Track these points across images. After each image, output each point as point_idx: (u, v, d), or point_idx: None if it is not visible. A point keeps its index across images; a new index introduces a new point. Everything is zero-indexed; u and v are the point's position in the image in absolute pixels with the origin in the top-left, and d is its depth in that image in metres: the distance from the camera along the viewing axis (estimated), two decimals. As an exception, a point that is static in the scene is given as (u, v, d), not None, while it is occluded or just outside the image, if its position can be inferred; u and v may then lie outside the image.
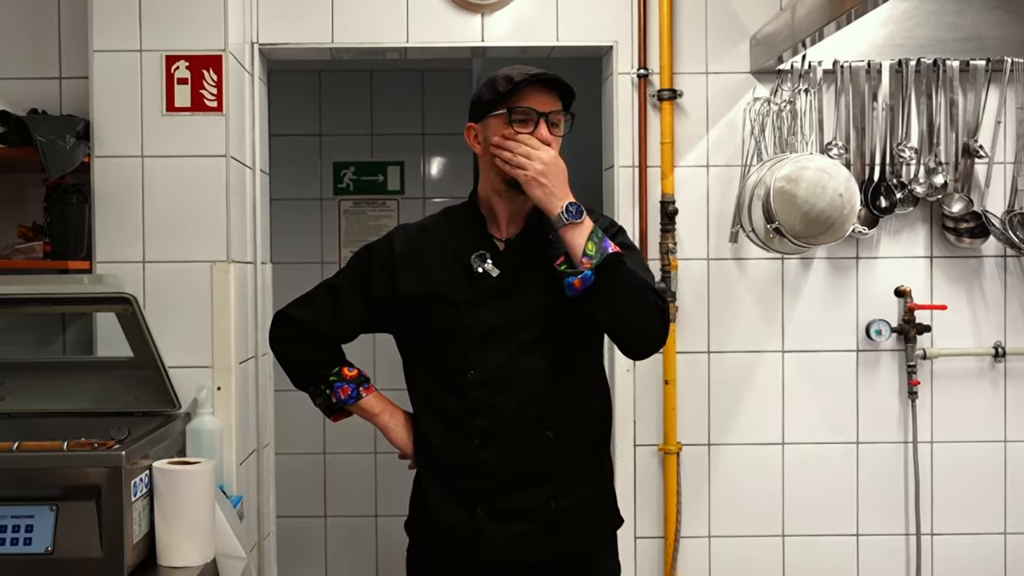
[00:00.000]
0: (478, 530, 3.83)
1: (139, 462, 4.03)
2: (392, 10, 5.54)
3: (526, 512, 3.83)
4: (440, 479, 3.93)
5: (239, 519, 4.70)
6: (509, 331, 3.82)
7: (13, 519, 3.85)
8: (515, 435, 3.82)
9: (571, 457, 3.88)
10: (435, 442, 3.93)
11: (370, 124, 7.78)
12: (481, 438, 3.82)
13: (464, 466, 3.86)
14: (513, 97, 3.76)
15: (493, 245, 3.91)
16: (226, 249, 4.99)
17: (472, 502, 3.85)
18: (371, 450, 7.58)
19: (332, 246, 7.74)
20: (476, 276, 3.85)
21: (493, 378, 3.81)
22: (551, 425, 3.83)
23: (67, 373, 4.86)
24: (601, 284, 3.60)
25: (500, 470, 3.82)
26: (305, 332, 4.08)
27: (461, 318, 3.83)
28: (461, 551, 3.89)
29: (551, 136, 3.76)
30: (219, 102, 4.98)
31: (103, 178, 4.97)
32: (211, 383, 4.94)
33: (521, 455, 3.82)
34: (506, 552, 3.84)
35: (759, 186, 5.26)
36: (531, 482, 3.83)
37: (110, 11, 4.97)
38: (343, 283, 4.09)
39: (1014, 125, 5.68)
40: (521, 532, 3.83)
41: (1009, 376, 5.75)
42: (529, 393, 3.81)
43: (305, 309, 4.12)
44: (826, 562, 5.73)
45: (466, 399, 3.84)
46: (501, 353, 3.82)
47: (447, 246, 3.95)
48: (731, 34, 5.66)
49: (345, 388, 4.03)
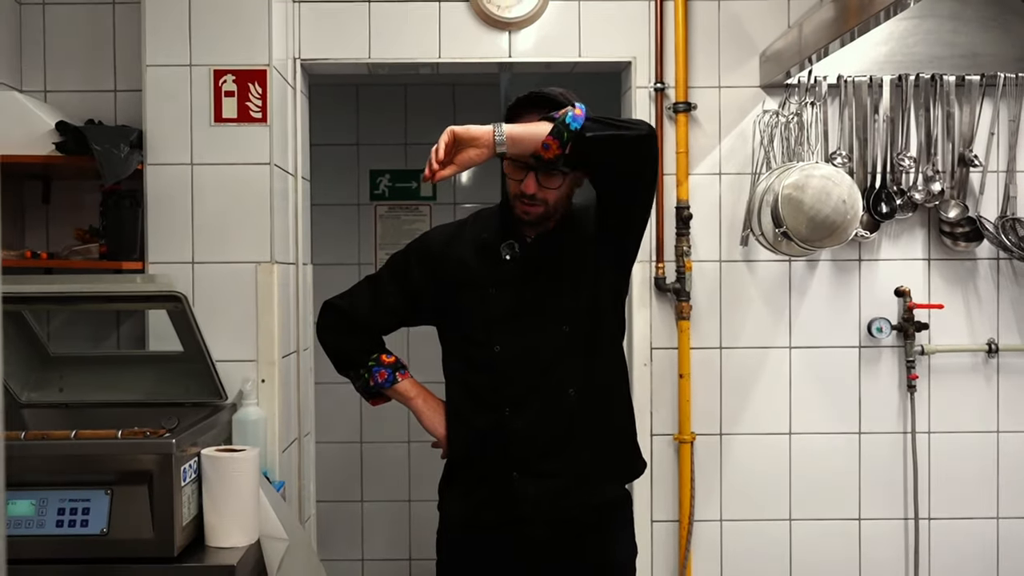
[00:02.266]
0: (516, 491, 3.83)
1: (188, 449, 3.99)
2: (425, 28, 5.52)
3: (558, 469, 3.84)
4: (477, 452, 3.94)
5: (282, 503, 4.65)
6: (532, 310, 3.86)
7: (71, 502, 3.81)
8: (541, 398, 3.85)
9: (593, 412, 3.88)
10: (471, 418, 3.94)
11: (404, 134, 7.73)
12: (511, 407, 3.83)
13: (498, 434, 3.86)
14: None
15: (522, 237, 3.89)
16: (270, 251, 4.94)
17: (508, 467, 3.85)
18: (405, 439, 7.55)
19: (369, 248, 7.69)
20: (504, 262, 3.86)
21: (517, 350, 3.83)
22: (574, 385, 3.83)
23: (121, 366, 4.82)
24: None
25: (531, 432, 3.83)
26: (347, 320, 4.11)
27: (487, 300, 3.86)
28: (502, 515, 3.88)
29: (541, 187, 3.71)
30: (264, 114, 4.93)
31: (155, 184, 4.93)
32: (256, 376, 4.90)
33: (548, 417, 3.84)
34: (540, 509, 3.84)
35: (768, 193, 5.22)
36: (560, 440, 3.86)
37: (162, 29, 4.93)
38: (383, 276, 4.14)
39: (1006, 136, 5.64)
40: (556, 488, 3.84)
41: (1002, 371, 5.70)
42: (550, 360, 3.84)
43: (348, 300, 4.16)
44: (830, 544, 5.69)
45: (495, 373, 3.87)
46: (525, 329, 3.85)
47: (480, 237, 3.97)
48: (742, 50, 5.61)
49: (382, 372, 4.05)
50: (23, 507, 3.79)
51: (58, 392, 4.75)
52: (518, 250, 3.85)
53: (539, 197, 3.72)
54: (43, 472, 3.84)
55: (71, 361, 4.81)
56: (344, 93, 7.65)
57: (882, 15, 4.32)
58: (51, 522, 3.78)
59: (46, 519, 3.79)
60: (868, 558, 5.70)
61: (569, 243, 3.88)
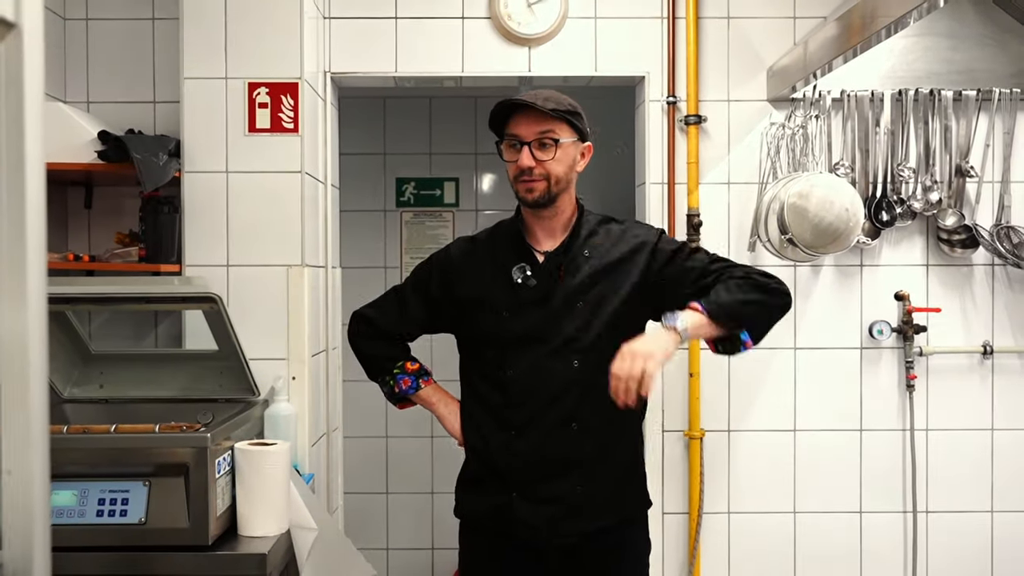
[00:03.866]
0: (514, 513, 3.77)
1: (222, 443, 3.97)
2: (449, 44, 5.51)
3: (555, 497, 3.76)
4: (487, 464, 3.87)
5: (311, 494, 4.63)
6: (543, 336, 3.76)
7: (111, 493, 3.80)
8: (545, 428, 3.75)
9: (595, 447, 3.78)
10: (484, 430, 3.87)
11: (429, 144, 7.70)
12: (516, 429, 3.77)
13: (503, 453, 3.80)
14: (501, 128, 3.74)
15: (533, 258, 3.83)
16: (301, 254, 4.90)
17: (509, 487, 3.79)
18: (428, 435, 7.51)
19: (394, 253, 7.66)
20: (516, 286, 3.78)
21: (527, 377, 3.76)
22: (577, 419, 3.74)
23: (159, 364, 4.80)
24: (750, 324, 3.60)
25: (532, 458, 3.76)
26: (375, 329, 4.08)
27: (501, 323, 3.79)
28: (502, 530, 3.83)
29: (537, 160, 3.69)
30: (295, 124, 4.89)
31: (192, 191, 4.89)
32: (287, 373, 4.86)
33: (550, 445, 3.75)
34: (539, 533, 3.77)
35: (774, 201, 5.22)
36: (559, 469, 3.77)
37: (199, 43, 4.90)
38: (407, 287, 4.09)
39: (1001, 148, 5.61)
40: (552, 515, 3.76)
41: (996, 371, 5.68)
42: (557, 391, 3.73)
43: (375, 309, 4.12)
44: (833, 536, 5.67)
45: (505, 394, 3.79)
46: (535, 355, 3.75)
47: (496, 257, 3.89)
48: (750, 66, 5.58)
49: (406, 380, 4.03)
50: (65, 497, 3.78)
51: (99, 388, 4.72)
52: (529, 273, 3.78)
53: (537, 172, 3.69)
54: (84, 464, 3.83)
55: (111, 359, 4.79)
56: (372, 105, 7.64)
57: (883, 33, 4.32)
58: (92, 512, 3.78)
59: (87, 509, 3.78)
60: (869, 549, 5.68)
61: (576, 264, 3.80)
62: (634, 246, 3.84)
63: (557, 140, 3.69)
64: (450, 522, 4.18)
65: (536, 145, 3.68)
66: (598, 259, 3.81)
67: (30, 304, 1.66)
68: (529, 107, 3.66)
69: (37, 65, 1.69)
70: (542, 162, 3.69)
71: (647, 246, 3.83)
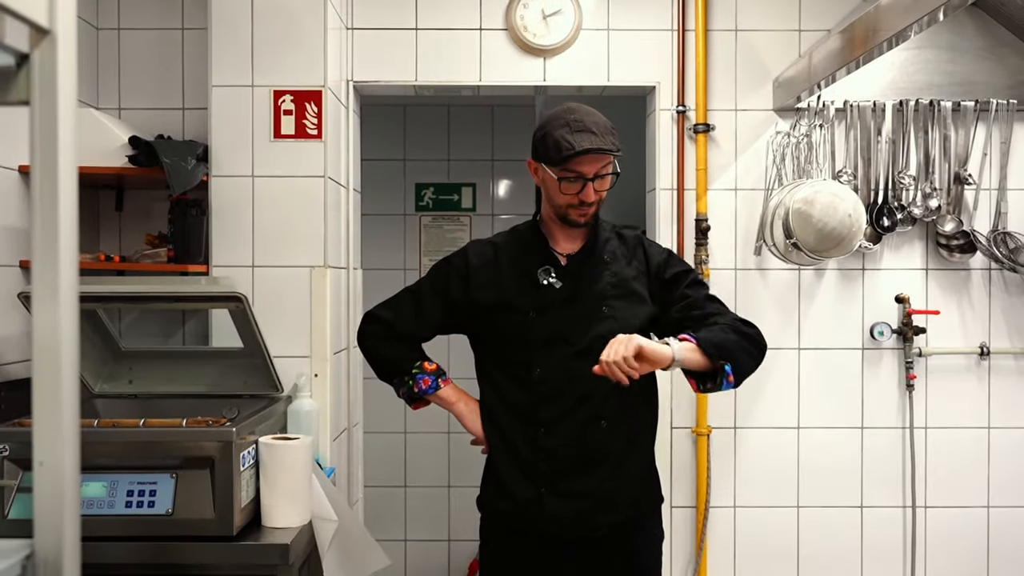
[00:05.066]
0: (542, 507, 3.75)
1: (247, 437, 3.96)
2: (467, 54, 5.50)
3: (583, 492, 3.74)
4: (510, 461, 3.84)
5: (332, 487, 4.62)
6: (569, 335, 3.73)
7: (139, 485, 3.78)
8: (573, 425, 3.72)
9: (622, 443, 3.77)
10: (506, 429, 3.84)
11: (447, 151, 7.68)
12: (545, 427, 3.73)
13: (530, 450, 3.77)
14: (564, 164, 3.65)
15: (556, 260, 3.81)
16: (323, 256, 4.89)
17: (537, 482, 3.76)
18: (445, 430, 7.47)
19: (414, 255, 7.64)
20: (542, 287, 3.76)
21: (555, 376, 3.72)
22: (605, 416, 3.72)
23: (186, 361, 4.79)
24: (734, 359, 3.56)
25: (561, 455, 3.73)
26: (390, 330, 3.99)
27: (528, 324, 3.75)
28: (528, 524, 3.80)
29: (596, 192, 3.68)
30: (319, 131, 4.88)
31: (219, 194, 4.89)
32: (309, 371, 4.85)
33: (579, 442, 3.72)
34: (566, 527, 3.75)
35: (780, 207, 5.23)
36: (587, 465, 3.74)
37: (227, 53, 4.89)
38: (424, 289, 4.01)
39: (998, 157, 5.59)
40: (579, 509, 3.74)
41: (992, 372, 5.67)
42: (586, 389, 3.69)
43: (390, 310, 4.02)
44: (835, 530, 5.66)
45: (532, 393, 3.75)
46: (562, 354, 3.72)
47: (517, 260, 3.86)
48: (757, 77, 5.57)
49: (426, 379, 3.94)
50: (96, 489, 3.77)
51: (128, 384, 4.71)
52: (554, 275, 3.77)
53: (594, 200, 3.69)
54: (114, 457, 3.81)
55: (140, 355, 4.78)
56: (392, 112, 7.63)
57: (884, 46, 4.31)
58: (121, 503, 3.76)
59: (116, 500, 3.77)
60: (869, 542, 5.66)
61: (599, 266, 3.82)
62: (648, 261, 3.89)
63: (617, 174, 3.72)
64: (465, 515, 4.18)
65: (596, 179, 3.66)
66: (618, 265, 3.83)
67: (62, 302, 1.66)
68: (601, 149, 3.62)
69: (70, 71, 1.69)
70: (600, 191, 3.70)
71: (661, 266, 3.88)
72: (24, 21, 1.59)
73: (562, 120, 3.68)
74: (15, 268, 4.39)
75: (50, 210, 1.64)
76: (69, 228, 1.67)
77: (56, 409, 1.66)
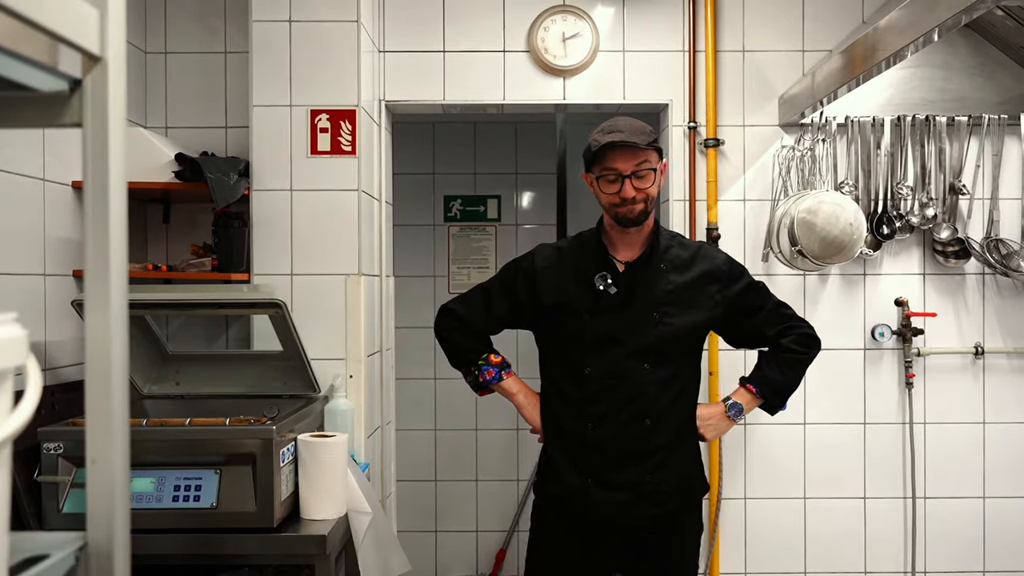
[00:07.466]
0: (588, 496, 3.79)
1: (286, 435, 3.98)
2: (492, 75, 5.49)
3: (627, 484, 3.78)
4: (563, 451, 3.89)
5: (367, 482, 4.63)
6: (622, 338, 3.76)
7: (185, 480, 3.81)
8: (620, 422, 3.76)
9: (665, 439, 3.80)
10: (560, 421, 3.90)
11: (473, 165, 7.64)
12: (594, 422, 3.78)
13: (580, 443, 3.82)
14: (599, 162, 3.69)
15: (614, 267, 3.83)
16: (358, 264, 4.89)
17: (585, 473, 3.81)
18: (473, 427, 7.47)
19: (442, 263, 7.57)
20: (598, 292, 3.79)
21: (605, 375, 3.77)
22: (650, 415, 3.76)
23: (229, 363, 4.80)
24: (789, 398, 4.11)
25: (607, 448, 3.78)
26: (461, 323, 4.08)
27: (583, 325, 3.79)
28: (575, 511, 3.84)
29: (636, 189, 3.69)
30: (353, 147, 4.88)
31: (259, 207, 4.89)
32: (345, 372, 4.84)
33: (625, 438, 3.77)
34: (611, 516, 3.79)
35: (785, 216, 5.22)
36: (632, 460, 3.78)
37: (267, 75, 4.90)
38: (493, 287, 4.09)
39: (990, 169, 5.57)
40: (623, 500, 3.78)
41: (987, 370, 5.64)
42: (633, 390, 3.76)
43: (463, 305, 4.12)
44: (839, 520, 5.64)
45: (584, 390, 3.80)
46: (613, 355, 3.77)
47: (578, 265, 3.89)
48: (763, 95, 5.55)
49: (490, 371, 4.03)
50: (144, 484, 3.79)
51: (175, 385, 4.72)
52: (610, 281, 3.79)
53: (638, 198, 3.70)
54: (161, 454, 3.83)
55: (186, 359, 4.79)
56: (422, 129, 7.60)
57: (883, 64, 4.31)
58: (168, 497, 3.79)
59: (164, 494, 3.79)
60: (872, 531, 5.64)
61: (655, 274, 3.84)
62: (706, 271, 3.91)
63: (654, 169, 3.72)
64: (494, 506, 4.17)
65: (634, 176, 3.68)
66: (675, 275, 3.85)
67: (113, 310, 1.66)
68: (626, 143, 3.65)
69: (120, 95, 1.69)
70: (641, 190, 3.70)
71: (720, 277, 3.93)
72: (77, 49, 1.60)
73: (598, 128, 3.76)
74: (68, 277, 4.39)
75: (101, 224, 1.64)
76: (119, 240, 1.67)
77: (107, 409, 1.66)
